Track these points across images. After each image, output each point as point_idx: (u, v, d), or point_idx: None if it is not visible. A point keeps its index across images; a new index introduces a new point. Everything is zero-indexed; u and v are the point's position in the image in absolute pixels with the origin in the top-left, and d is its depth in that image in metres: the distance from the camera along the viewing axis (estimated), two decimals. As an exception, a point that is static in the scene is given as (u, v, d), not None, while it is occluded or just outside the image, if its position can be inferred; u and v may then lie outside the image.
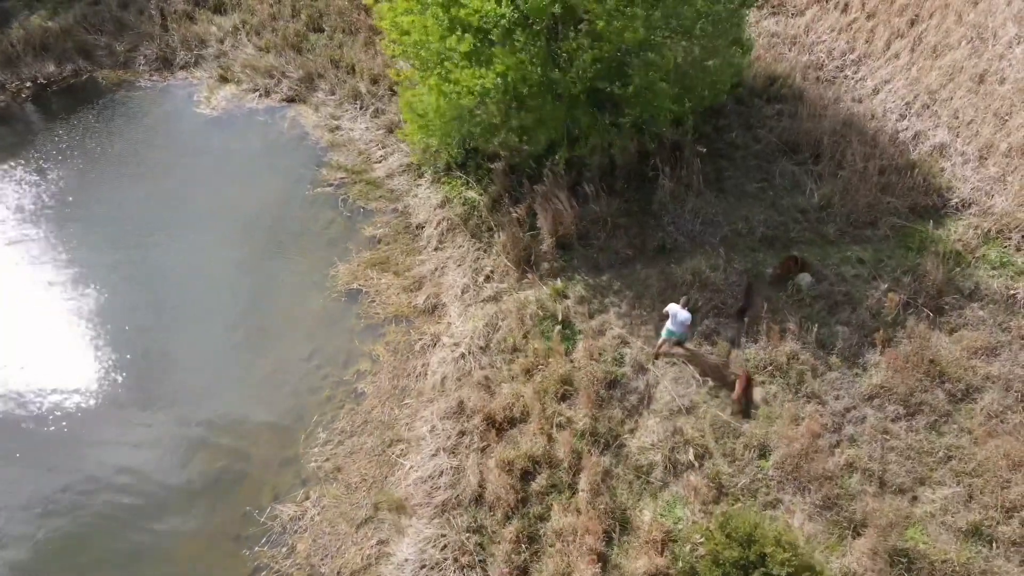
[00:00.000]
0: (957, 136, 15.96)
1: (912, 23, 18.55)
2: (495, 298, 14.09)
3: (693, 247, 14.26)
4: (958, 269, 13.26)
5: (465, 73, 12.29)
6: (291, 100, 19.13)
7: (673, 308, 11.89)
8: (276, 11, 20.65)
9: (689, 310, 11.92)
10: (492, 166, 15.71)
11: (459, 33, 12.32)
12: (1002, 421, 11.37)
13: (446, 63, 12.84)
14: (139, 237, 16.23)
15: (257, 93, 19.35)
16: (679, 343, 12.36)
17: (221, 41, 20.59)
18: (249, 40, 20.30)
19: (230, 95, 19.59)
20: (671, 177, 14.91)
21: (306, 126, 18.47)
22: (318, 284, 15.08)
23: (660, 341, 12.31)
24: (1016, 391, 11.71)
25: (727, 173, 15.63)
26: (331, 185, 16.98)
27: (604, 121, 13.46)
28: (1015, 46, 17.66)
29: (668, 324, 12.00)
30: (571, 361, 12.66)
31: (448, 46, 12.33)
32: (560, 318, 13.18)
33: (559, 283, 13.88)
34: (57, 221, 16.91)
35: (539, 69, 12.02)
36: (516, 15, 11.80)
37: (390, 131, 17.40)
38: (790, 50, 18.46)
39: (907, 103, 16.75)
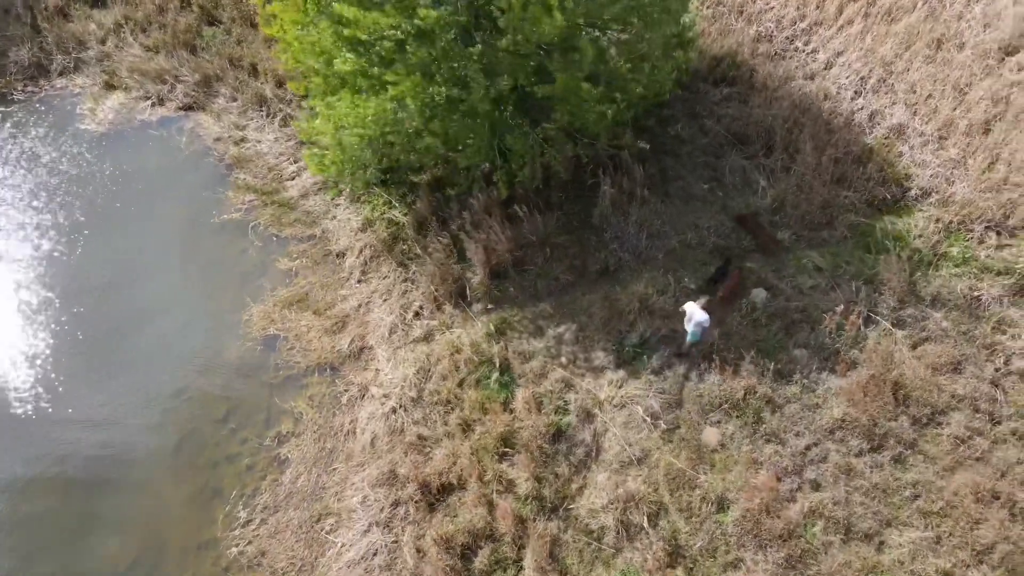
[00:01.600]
0: (915, 114, 14.92)
1: (865, -17, 17.16)
2: (426, 338, 12.89)
3: (639, 265, 13.14)
4: (919, 273, 12.42)
5: (358, 100, 10.68)
6: (188, 108, 17.12)
7: (690, 308, 11.25)
8: (163, 2, 18.28)
9: (645, 338, 10.96)
10: (417, 179, 14.21)
11: (343, 52, 10.62)
12: (969, 447, 10.75)
13: (341, 90, 11.19)
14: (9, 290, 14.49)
15: (149, 101, 17.26)
16: (692, 345, 11.70)
17: (102, 41, 18.22)
18: (135, 39, 18.00)
19: (118, 105, 17.44)
20: (612, 184, 13.64)
21: (207, 139, 16.56)
22: (232, 329, 13.65)
23: (687, 344, 11.70)
24: (983, 411, 11.07)
25: (673, 173, 14.42)
26: (239, 210, 15.31)
27: (532, 132, 11.99)
28: (973, 4, 16.50)
29: (686, 324, 11.45)
30: (511, 411, 11.62)
31: (334, 69, 10.66)
32: (497, 363, 12.05)
33: (495, 318, 12.70)
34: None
35: (443, 89, 10.44)
36: (411, 26, 10.12)
37: (303, 142, 15.62)
38: (736, 20, 17.00)
39: (862, 78, 15.59)
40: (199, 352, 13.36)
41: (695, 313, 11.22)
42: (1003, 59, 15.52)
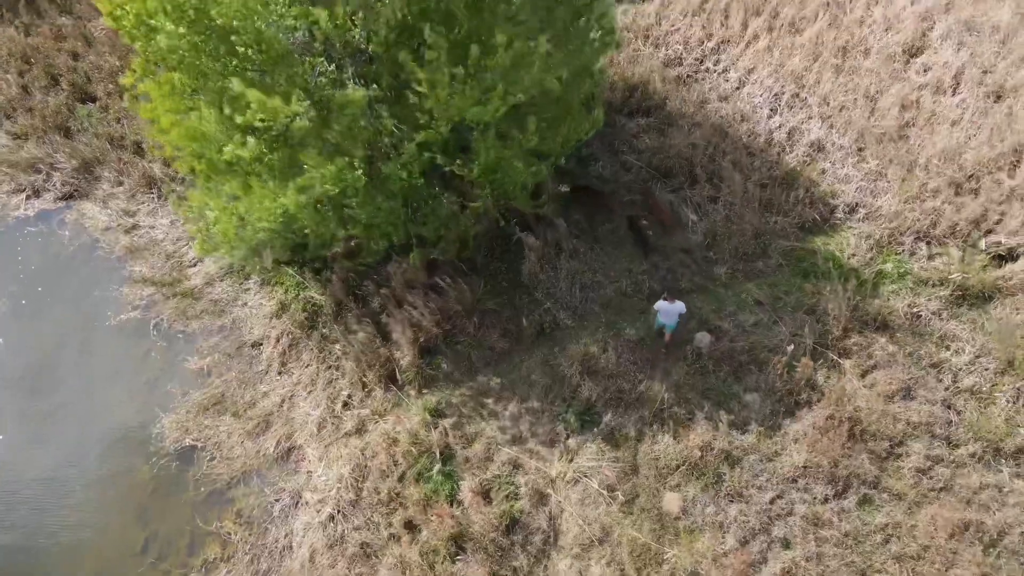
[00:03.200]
0: (832, 127, 14.91)
1: (766, -5, 17.18)
2: (359, 430, 11.96)
3: (576, 321, 12.56)
4: (858, 297, 12.24)
5: (262, 190, 9.71)
6: (69, 197, 15.67)
7: (662, 305, 11.32)
8: (27, 82, 16.76)
9: (591, 403, 10.53)
10: (329, 254, 13.25)
11: (238, 138, 9.63)
12: (932, 478, 10.55)
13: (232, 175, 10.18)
14: None
15: (23, 195, 15.71)
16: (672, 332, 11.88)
17: (-38, 133, 16.52)
18: None
19: (-11, 202, 15.82)
20: (537, 236, 13.03)
21: (94, 230, 15.17)
22: (141, 447, 12.38)
23: (666, 337, 11.90)
24: (940, 436, 10.93)
25: (599, 216, 13.92)
26: (138, 307, 14.00)
27: (450, 206, 11.22)
28: (872, 7, 16.71)
29: (660, 318, 11.58)
30: (459, 504, 10.81)
31: (226, 157, 9.65)
32: (438, 452, 11.22)
33: (430, 400, 11.88)
34: None
35: (359, 171, 9.57)
36: (314, 112, 9.22)
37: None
38: (644, 45, 16.72)
39: (775, 95, 15.52)
40: (106, 479, 12.06)
41: (670, 308, 11.30)
42: (908, 61, 15.74)
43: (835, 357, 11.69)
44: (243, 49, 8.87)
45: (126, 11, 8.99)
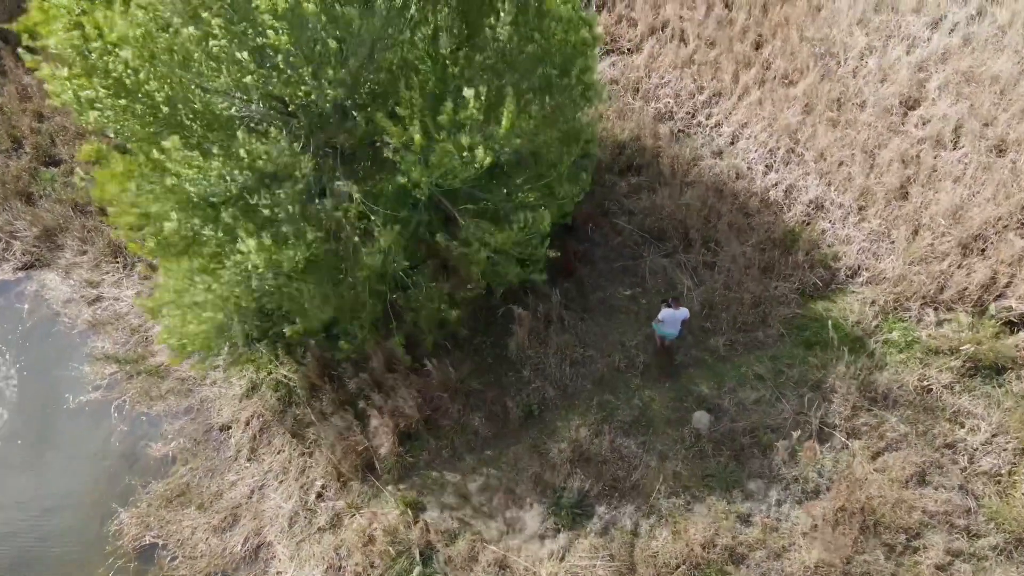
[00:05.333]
0: (830, 185, 14.56)
1: (757, 46, 17.01)
2: (333, 525, 11.29)
3: (566, 401, 12.00)
4: (865, 371, 11.74)
5: (208, 272, 9.18)
6: (30, 267, 15.11)
7: (667, 313, 11.27)
8: (-12, 145, 16.32)
9: (584, 493, 9.90)
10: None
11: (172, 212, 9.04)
12: (951, 575, 9.91)
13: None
14: None
15: (-19, 265, 15.14)
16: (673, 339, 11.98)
17: (-83, 199, 15.97)
18: (-43, 191, 15.88)
19: (-56, 273, 15.23)
20: (525, 307, 12.51)
21: (55, 302, 14.58)
22: (96, 547, 11.65)
23: (664, 344, 12.05)
24: (959, 526, 10.35)
25: (590, 283, 13.45)
26: (99, 387, 13.35)
27: (430, 290, 10.69)
28: (867, 57, 16.51)
29: (663, 328, 11.56)
30: (442, 611, 10.11)
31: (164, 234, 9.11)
32: (418, 552, 10.54)
33: (410, 492, 11.22)
34: None
35: (310, 248, 9.02)
36: (242, 178, 8.56)
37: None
38: (634, 99, 16.43)
39: (770, 150, 15.20)
40: (58, 583, 11.31)
41: (675, 314, 11.22)
42: (906, 113, 15.48)
43: (843, 439, 11.14)
44: (179, 118, 8.40)
45: (67, 85, 8.50)
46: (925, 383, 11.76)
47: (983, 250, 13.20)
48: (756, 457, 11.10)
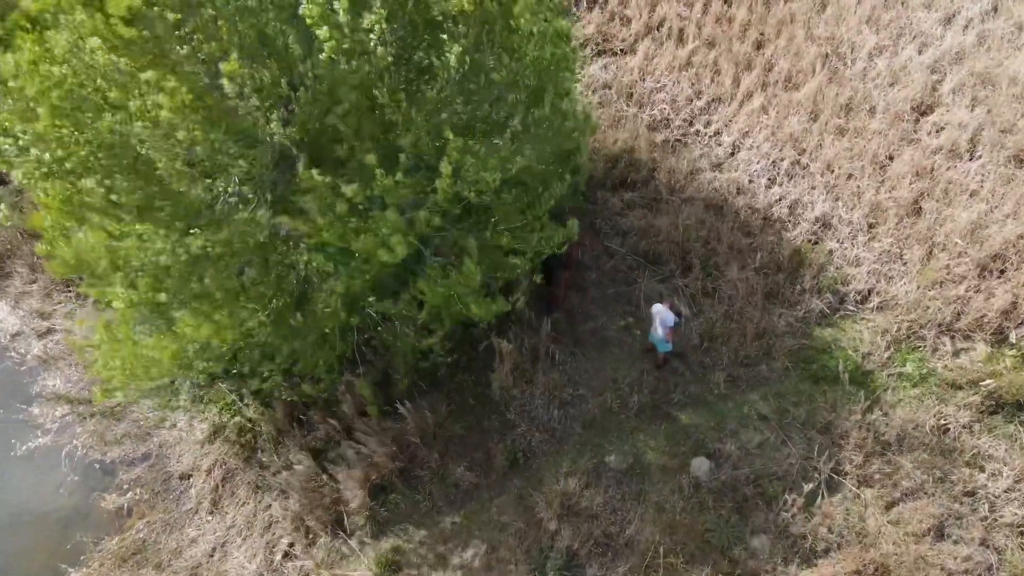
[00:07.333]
0: (838, 200, 13.76)
1: (759, 46, 16.11)
2: (303, 587, 10.53)
3: (554, 447, 11.25)
4: (877, 410, 11.02)
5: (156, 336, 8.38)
6: (-24, 297, 14.23)
7: (657, 308, 10.94)
8: (-69, 162, 15.30)
9: (573, 552, 9.16)
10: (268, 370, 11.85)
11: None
12: (976, 644, 9.26)
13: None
14: None
15: (-77, 298, 14.26)
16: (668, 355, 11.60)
17: None
18: None
19: None
20: (509, 340, 11.73)
21: (2, 336, 13.75)
22: (45, 613, 10.88)
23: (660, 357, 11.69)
24: (981, 587, 9.63)
25: (580, 312, 12.66)
26: (49, 431, 12.55)
27: (401, 335, 9.90)
28: (876, 58, 15.65)
29: (654, 333, 11.23)
30: None
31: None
32: (393, 622, 9.83)
33: (383, 551, 10.51)
34: None
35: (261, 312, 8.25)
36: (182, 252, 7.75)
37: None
38: (627, 104, 15.55)
39: (773, 161, 14.37)
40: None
41: (663, 313, 10.77)
42: (918, 120, 14.67)
43: (854, 488, 10.43)
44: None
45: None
46: (942, 422, 11.06)
47: (1003, 271, 12.45)
48: (760, 509, 10.39)
